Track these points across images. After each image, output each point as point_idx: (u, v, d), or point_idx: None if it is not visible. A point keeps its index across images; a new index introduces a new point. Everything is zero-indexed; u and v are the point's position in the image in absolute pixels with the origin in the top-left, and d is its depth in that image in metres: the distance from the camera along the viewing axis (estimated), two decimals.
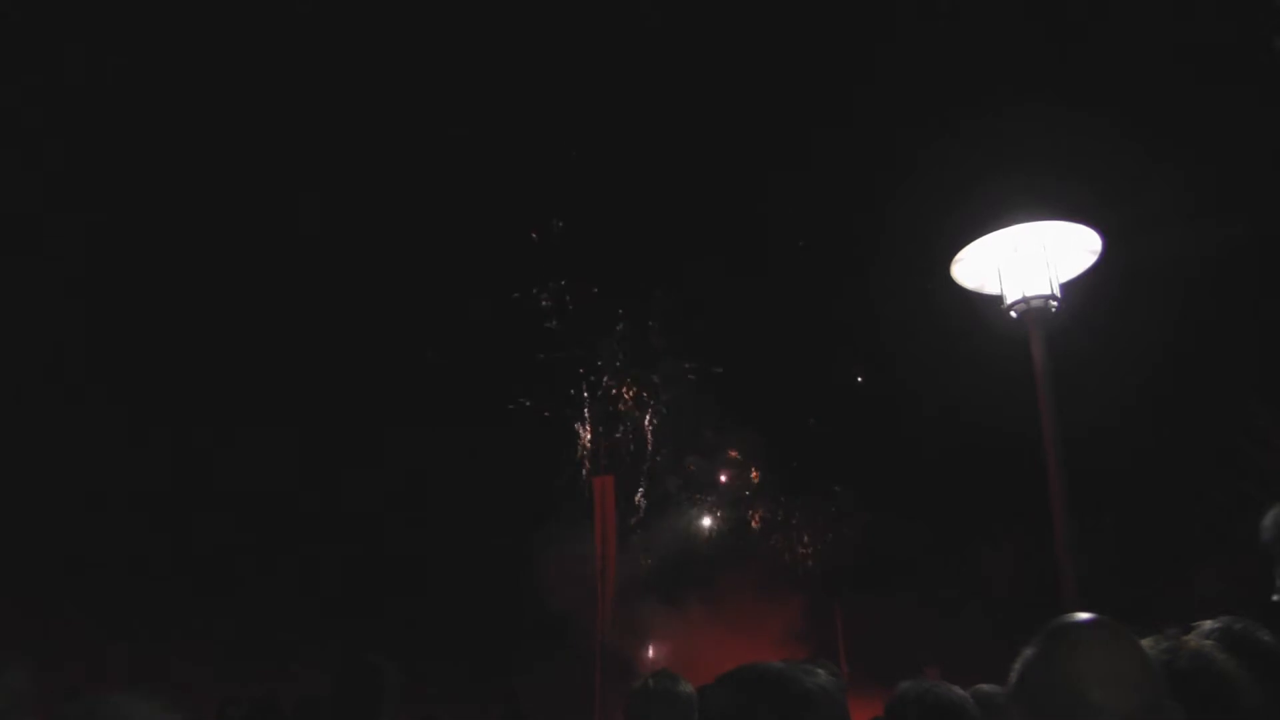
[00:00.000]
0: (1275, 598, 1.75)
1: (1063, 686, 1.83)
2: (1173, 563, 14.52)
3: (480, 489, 19.20)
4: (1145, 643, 2.33)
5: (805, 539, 22.01)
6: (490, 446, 19.88)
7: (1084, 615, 1.95)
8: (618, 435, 22.27)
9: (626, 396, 22.36)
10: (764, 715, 1.93)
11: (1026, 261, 5.52)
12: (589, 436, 22.06)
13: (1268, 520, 2.29)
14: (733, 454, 22.87)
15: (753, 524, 22.95)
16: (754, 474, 22.90)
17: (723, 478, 23.21)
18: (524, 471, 20.88)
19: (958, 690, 2.77)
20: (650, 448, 22.57)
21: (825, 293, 21.44)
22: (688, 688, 3.36)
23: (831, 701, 1.96)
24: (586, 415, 22.14)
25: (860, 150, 19.71)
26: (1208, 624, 2.56)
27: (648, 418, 22.51)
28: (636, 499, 22.03)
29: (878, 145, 19.61)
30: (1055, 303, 5.38)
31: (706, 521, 23.27)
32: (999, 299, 5.64)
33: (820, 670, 2.07)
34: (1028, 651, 1.92)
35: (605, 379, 22.25)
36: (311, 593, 17.30)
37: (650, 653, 18.17)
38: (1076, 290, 5.65)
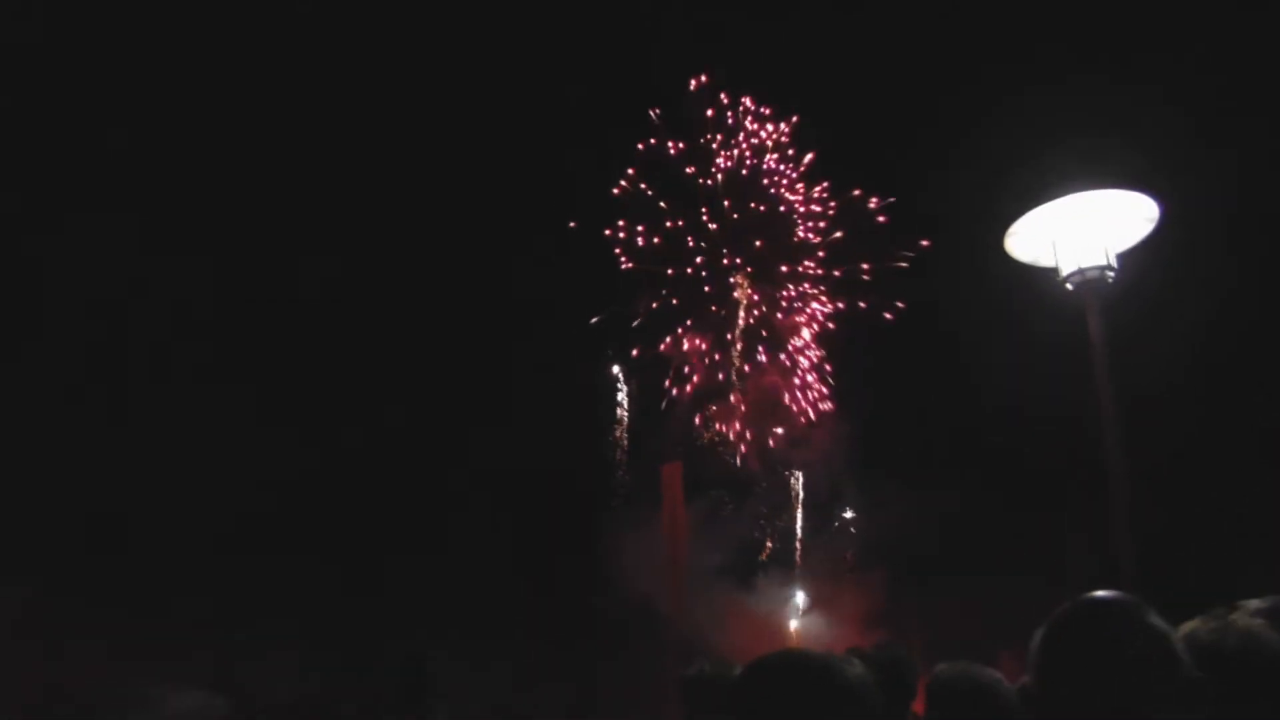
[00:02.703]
0: None
1: (1083, 663, 1.80)
2: (1237, 541, 13.97)
3: (544, 475, 19.38)
4: (1193, 623, 2.26)
5: (886, 519, 21.90)
6: (555, 432, 20.08)
7: (1103, 593, 1.90)
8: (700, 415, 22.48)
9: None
10: (802, 706, 1.90)
11: (1081, 232, 5.37)
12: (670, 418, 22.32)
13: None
14: (818, 434, 22.87)
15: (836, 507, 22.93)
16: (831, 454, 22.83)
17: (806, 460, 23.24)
18: (593, 454, 21.12)
19: (991, 671, 2.74)
20: (736, 430, 22.75)
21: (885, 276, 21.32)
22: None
23: (870, 695, 1.92)
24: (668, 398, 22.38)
25: (911, 127, 19.39)
26: (1254, 602, 2.47)
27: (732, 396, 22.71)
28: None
29: (931, 118, 19.26)
30: (1112, 274, 5.22)
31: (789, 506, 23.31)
32: (1055, 271, 5.50)
33: (857, 661, 2.03)
34: (1045, 628, 1.88)
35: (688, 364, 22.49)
36: (369, 581, 17.47)
37: (726, 637, 18.18)
38: (1132, 259, 5.48)
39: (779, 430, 23.11)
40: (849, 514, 23.21)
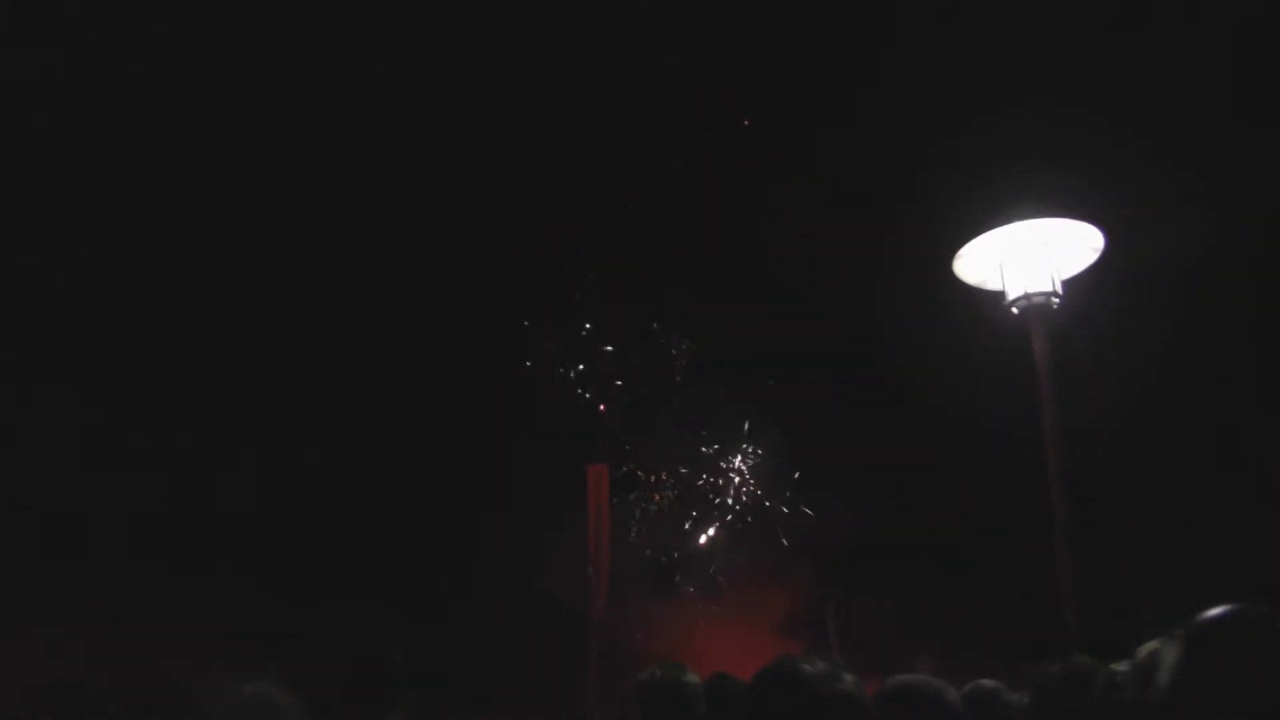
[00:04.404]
0: None
1: (1231, 673, 1.81)
2: (1174, 561, 14.61)
3: (468, 473, 19.18)
4: (1153, 644, 2.34)
5: (809, 528, 22.14)
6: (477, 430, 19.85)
7: (1221, 609, 1.90)
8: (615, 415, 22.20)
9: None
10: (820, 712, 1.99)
11: (1028, 258, 5.55)
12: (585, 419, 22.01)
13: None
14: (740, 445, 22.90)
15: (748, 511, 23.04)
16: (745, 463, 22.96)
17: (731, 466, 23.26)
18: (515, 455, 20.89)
19: (935, 681, 2.80)
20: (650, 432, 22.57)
21: (827, 287, 21.44)
22: (694, 678, 3.38)
23: (866, 700, 2.01)
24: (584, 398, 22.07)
25: (861, 147, 19.63)
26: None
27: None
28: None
29: (878, 142, 19.55)
30: (1057, 300, 5.42)
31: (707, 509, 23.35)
32: (1001, 295, 5.67)
33: (848, 675, 2.10)
34: (1172, 647, 1.90)
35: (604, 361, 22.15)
36: (296, 580, 17.10)
37: (646, 642, 18.26)
38: (1079, 286, 5.69)
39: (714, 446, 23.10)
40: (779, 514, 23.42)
